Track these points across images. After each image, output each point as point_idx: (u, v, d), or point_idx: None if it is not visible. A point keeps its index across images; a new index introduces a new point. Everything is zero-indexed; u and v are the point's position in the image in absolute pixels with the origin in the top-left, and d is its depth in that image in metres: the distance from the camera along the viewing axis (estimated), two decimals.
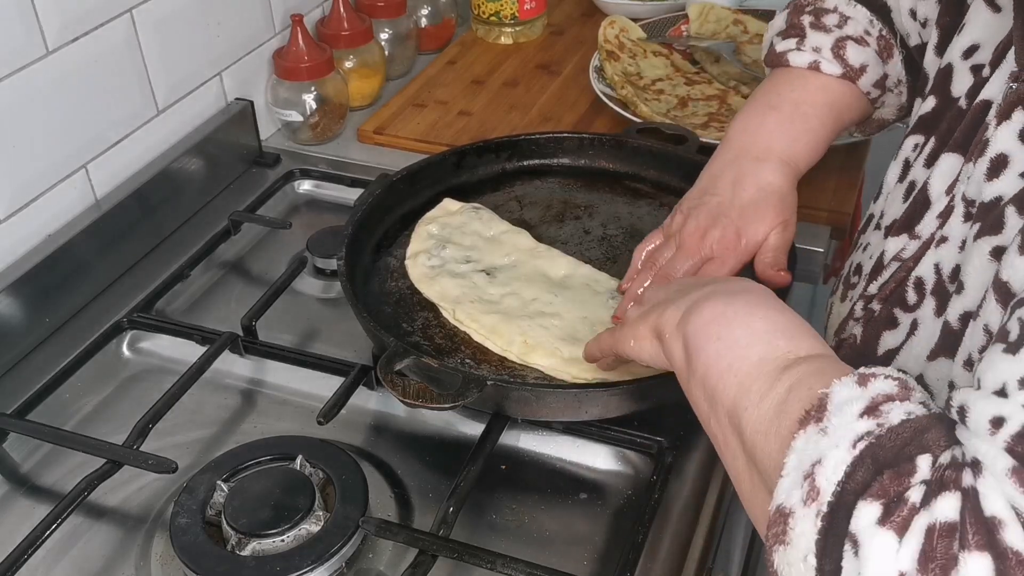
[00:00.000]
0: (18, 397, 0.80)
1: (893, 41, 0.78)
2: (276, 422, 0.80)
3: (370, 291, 0.86)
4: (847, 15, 0.78)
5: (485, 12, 1.35)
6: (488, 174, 0.99)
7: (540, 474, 0.75)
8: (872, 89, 0.80)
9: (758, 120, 0.79)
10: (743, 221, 0.76)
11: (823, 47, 0.78)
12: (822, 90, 0.79)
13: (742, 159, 0.78)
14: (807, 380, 0.49)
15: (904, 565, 0.40)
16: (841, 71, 0.78)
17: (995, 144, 0.55)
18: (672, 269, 0.77)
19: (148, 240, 0.99)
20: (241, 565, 0.65)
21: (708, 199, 0.78)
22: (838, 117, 0.80)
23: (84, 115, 0.91)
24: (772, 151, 0.77)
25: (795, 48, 0.79)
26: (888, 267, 0.63)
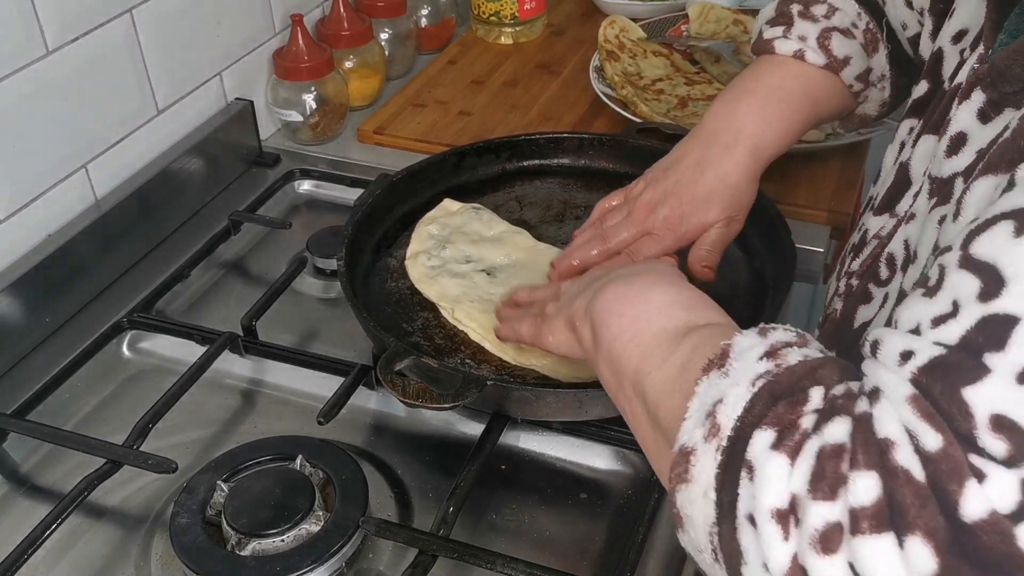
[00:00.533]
0: (18, 397, 0.80)
1: (880, 35, 0.78)
2: (276, 422, 0.80)
3: (370, 291, 0.86)
4: (835, 6, 0.78)
5: (485, 12, 1.35)
6: (488, 174, 0.99)
7: (540, 474, 0.75)
8: (855, 82, 0.80)
9: (733, 103, 0.79)
10: (690, 207, 0.77)
11: (809, 36, 0.78)
12: (802, 78, 0.79)
13: (711, 143, 0.78)
14: (710, 340, 0.51)
15: (796, 486, 0.41)
16: (825, 61, 0.78)
17: (955, 123, 0.55)
18: (614, 233, 0.79)
19: (148, 240, 0.99)
20: (241, 565, 0.65)
21: (669, 175, 0.79)
22: (815, 106, 0.80)
23: (84, 115, 0.91)
24: (742, 135, 0.77)
25: (781, 36, 0.79)
26: (869, 244, 0.65)
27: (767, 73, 0.80)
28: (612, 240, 0.78)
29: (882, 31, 0.78)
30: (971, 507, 0.37)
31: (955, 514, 0.37)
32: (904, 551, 0.38)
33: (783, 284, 0.79)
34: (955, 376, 0.38)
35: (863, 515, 0.39)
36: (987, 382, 0.38)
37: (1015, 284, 0.38)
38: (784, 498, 0.42)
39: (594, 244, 0.79)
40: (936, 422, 0.38)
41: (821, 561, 0.40)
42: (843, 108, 0.83)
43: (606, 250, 0.78)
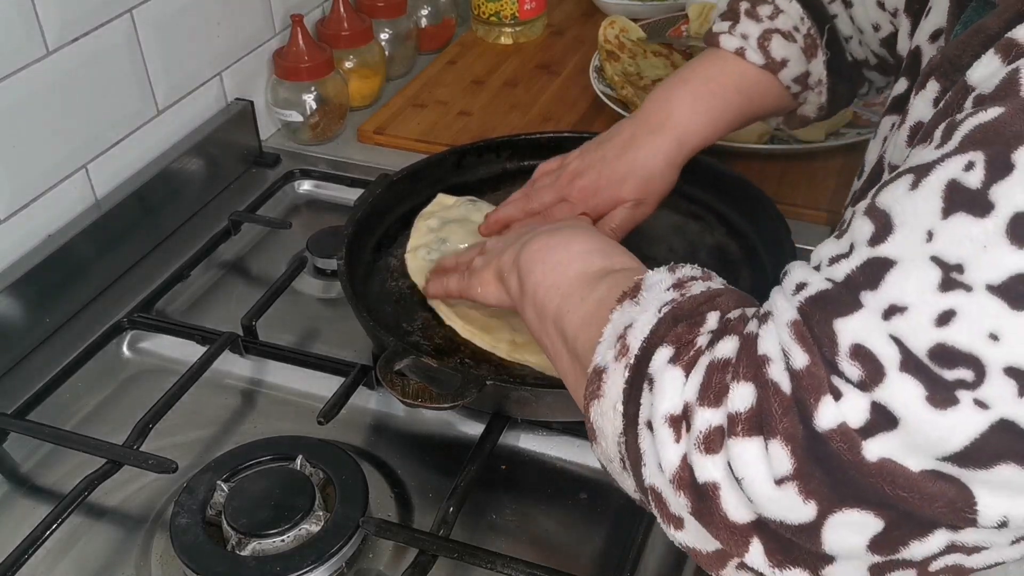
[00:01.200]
0: (18, 397, 0.80)
1: (819, 41, 0.81)
2: (276, 422, 0.80)
3: (370, 291, 0.86)
4: (781, 8, 0.81)
5: (485, 12, 1.35)
6: (488, 174, 0.99)
7: (540, 474, 0.75)
8: (792, 84, 0.82)
9: (669, 90, 0.83)
10: (605, 182, 0.81)
11: (751, 35, 0.81)
12: (738, 75, 0.81)
13: (640, 126, 0.82)
14: (624, 279, 0.57)
15: (688, 395, 0.47)
16: (763, 61, 0.80)
17: (913, 112, 0.57)
18: (538, 195, 0.84)
19: (148, 240, 0.99)
20: (241, 565, 0.65)
21: (598, 149, 0.83)
22: (748, 102, 0.82)
23: (84, 115, 0.91)
24: (668, 122, 0.81)
25: (727, 31, 0.82)
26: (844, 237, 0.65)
27: (706, 66, 0.83)
28: (535, 201, 0.84)
29: (822, 37, 0.81)
30: (824, 419, 0.41)
31: (811, 423, 0.42)
32: (768, 452, 0.43)
33: None
34: (832, 308, 0.43)
35: (738, 420, 0.44)
36: (856, 316, 0.42)
37: (899, 231, 0.42)
38: (677, 405, 0.47)
39: (519, 203, 0.85)
40: (807, 345, 0.43)
41: (704, 459, 0.45)
42: (781, 107, 0.86)
43: (528, 209, 0.84)
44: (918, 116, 0.56)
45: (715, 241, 0.90)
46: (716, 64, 0.82)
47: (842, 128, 1.10)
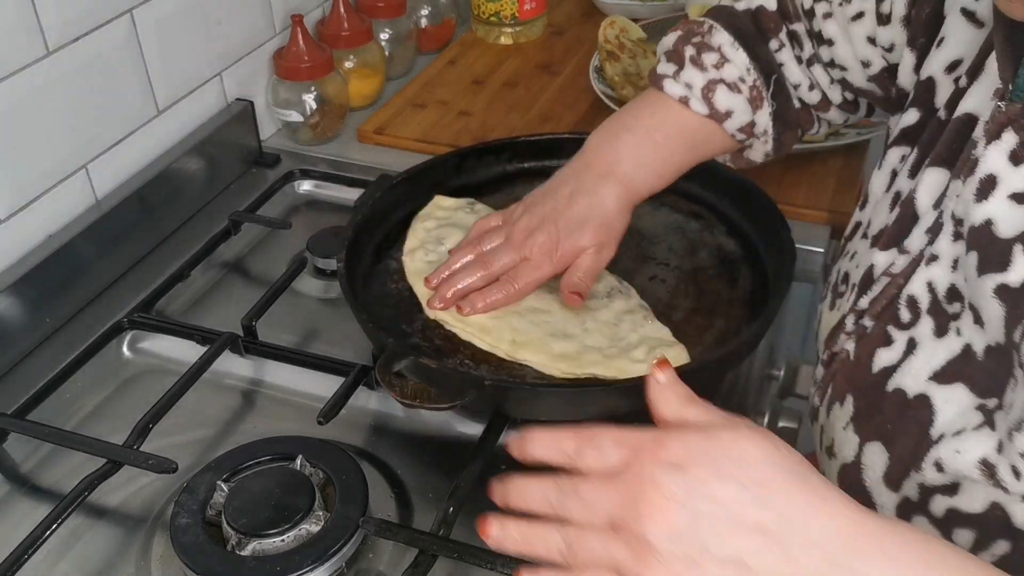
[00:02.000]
0: (18, 397, 0.80)
1: (764, 93, 0.79)
2: (276, 422, 0.80)
3: (370, 292, 0.86)
4: (727, 57, 0.78)
5: (485, 12, 1.36)
6: (489, 175, 0.99)
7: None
8: (737, 132, 0.81)
9: (612, 139, 0.81)
10: (564, 233, 0.78)
11: (695, 85, 0.78)
12: (681, 124, 0.80)
13: (585, 173, 0.80)
14: None
15: None
16: (707, 112, 0.79)
17: (984, 164, 0.55)
18: (494, 257, 0.80)
19: (148, 240, 0.99)
20: (241, 565, 0.65)
21: (546, 201, 0.80)
22: (692, 150, 0.81)
23: (84, 115, 0.91)
24: (615, 170, 0.79)
25: (671, 76, 0.80)
26: (878, 281, 0.63)
27: (648, 113, 0.81)
28: (493, 264, 0.80)
29: (768, 88, 0.79)
30: None
31: None
32: None
33: (783, 284, 0.79)
34: None
35: None
36: None
37: None
38: None
39: (475, 268, 0.80)
40: None
41: None
42: (726, 150, 0.84)
43: (488, 275, 0.79)
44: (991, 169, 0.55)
45: (715, 241, 0.90)
46: (658, 111, 0.80)
47: (842, 128, 1.10)
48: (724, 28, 0.79)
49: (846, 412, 0.63)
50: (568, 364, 0.75)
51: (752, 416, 0.87)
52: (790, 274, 0.79)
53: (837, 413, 0.64)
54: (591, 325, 0.79)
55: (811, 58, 0.79)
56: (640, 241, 0.90)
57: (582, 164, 0.81)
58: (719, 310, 0.82)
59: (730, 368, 0.78)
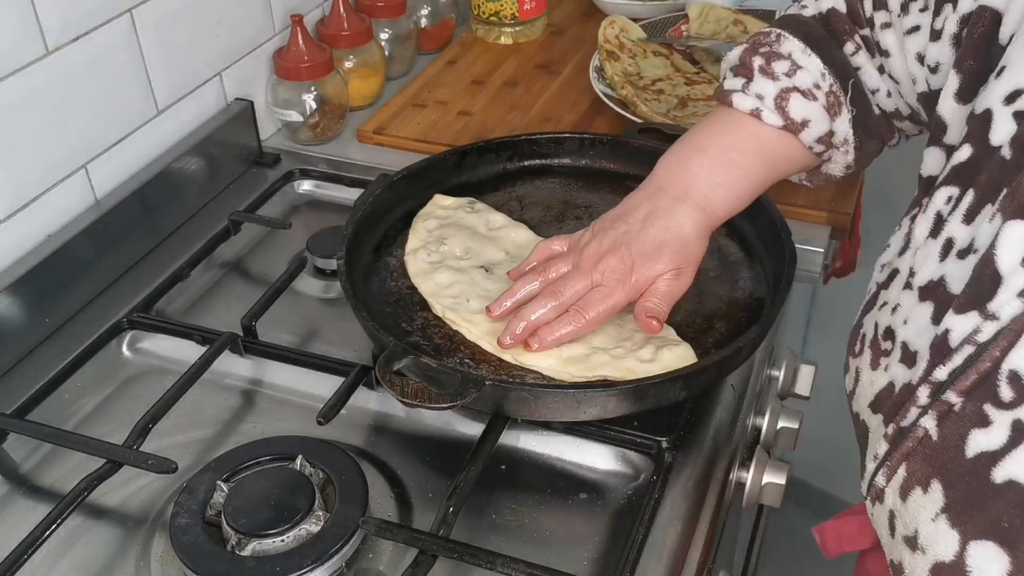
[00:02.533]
0: (18, 397, 0.80)
1: (843, 99, 0.75)
2: (276, 422, 0.80)
3: (370, 291, 0.86)
4: (799, 64, 0.74)
5: (485, 12, 1.35)
6: (489, 174, 0.99)
7: (540, 474, 0.75)
8: (815, 144, 0.76)
9: (685, 160, 0.78)
10: (639, 258, 0.75)
11: (767, 96, 0.75)
12: (756, 138, 0.76)
13: (660, 196, 0.77)
14: None
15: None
16: (782, 123, 0.75)
17: None
18: (564, 285, 0.76)
19: (148, 240, 0.99)
20: (241, 565, 0.65)
21: (618, 226, 0.77)
22: (771, 167, 0.77)
23: (84, 115, 0.91)
24: (691, 192, 0.76)
25: (740, 90, 0.76)
26: (959, 351, 0.55)
27: (721, 131, 0.77)
28: (564, 294, 0.76)
29: (846, 94, 0.75)
30: None
31: None
32: None
33: (783, 284, 0.79)
34: None
35: None
36: None
37: None
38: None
39: (545, 298, 0.76)
40: None
41: None
42: (805, 165, 0.80)
43: (559, 305, 0.75)
44: None
45: (715, 242, 0.90)
46: (731, 128, 0.76)
47: None
48: (793, 35, 0.75)
49: (933, 501, 0.55)
50: (578, 367, 0.75)
51: (752, 416, 0.87)
52: (791, 276, 0.79)
53: (919, 501, 0.56)
54: None
55: (881, 66, 0.75)
56: None
57: (655, 187, 0.78)
58: (719, 312, 0.82)
59: (731, 370, 0.78)
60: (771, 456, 0.88)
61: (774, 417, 0.91)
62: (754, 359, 0.85)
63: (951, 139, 0.64)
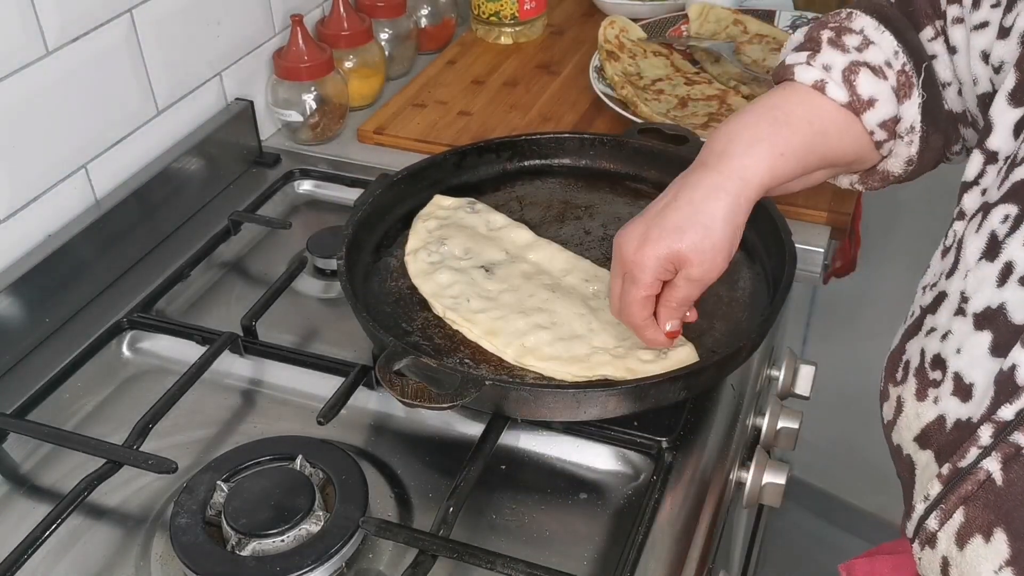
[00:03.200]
0: (18, 397, 0.80)
1: (915, 81, 0.68)
2: (276, 422, 0.80)
3: (370, 291, 0.86)
4: (871, 39, 0.69)
5: (485, 12, 1.35)
6: (489, 174, 0.99)
7: (540, 474, 0.75)
8: (877, 129, 0.70)
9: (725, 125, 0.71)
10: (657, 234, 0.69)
11: (834, 67, 0.69)
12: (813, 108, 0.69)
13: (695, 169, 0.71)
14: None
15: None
16: (847, 99, 0.68)
17: None
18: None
19: (148, 240, 0.99)
20: (241, 565, 0.65)
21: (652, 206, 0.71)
22: (822, 138, 0.70)
23: (84, 115, 0.91)
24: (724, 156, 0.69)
25: (804, 62, 0.70)
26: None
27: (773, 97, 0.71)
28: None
29: (919, 76, 0.69)
30: None
31: None
32: None
33: (783, 284, 0.79)
34: None
35: None
36: None
37: None
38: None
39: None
40: None
41: None
42: (859, 156, 0.72)
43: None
44: None
45: None
46: (788, 96, 0.70)
47: None
48: (867, 12, 0.70)
49: (997, 552, 0.51)
50: (579, 367, 0.75)
51: (752, 416, 0.87)
52: (791, 276, 0.79)
53: (980, 551, 0.52)
54: (596, 325, 0.79)
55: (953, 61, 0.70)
56: None
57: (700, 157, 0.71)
58: (719, 312, 0.82)
59: (731, 370, 0.78)
60: (771, 456, 0.88)
61: (774, 417, 0.91)
62: (754, 359, 0.85)
63: (994, 144, 0.60)
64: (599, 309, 0.81)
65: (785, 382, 0.98)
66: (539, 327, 0.78)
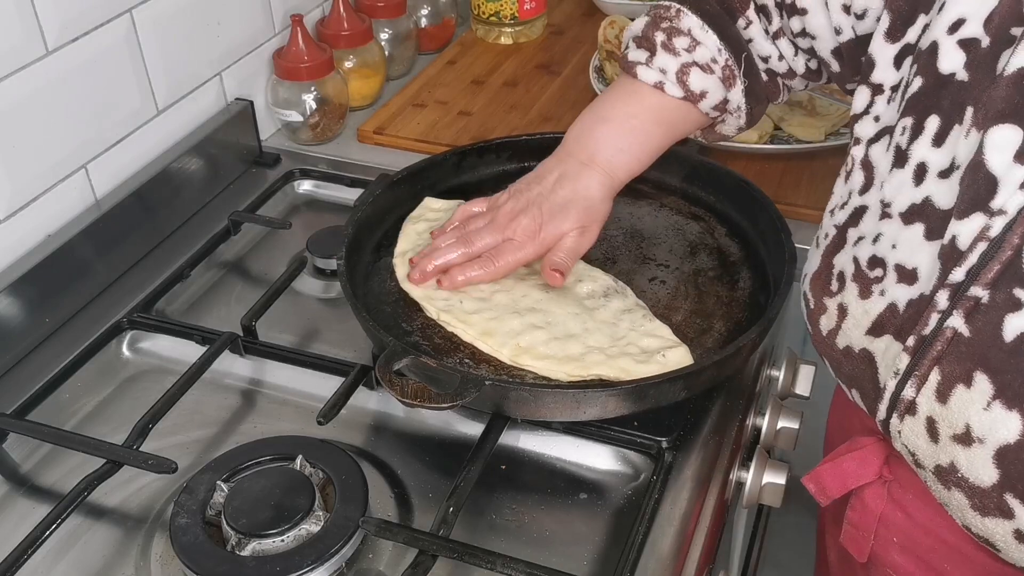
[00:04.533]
0: (18, 397, 0.81)
1: (737, 71, 0.81)
2: (276, 422, 0.80)
3: (370, 291, 0.86)
4: (698, 40, 0.80)
5: (485, 12, 1.36)
6: (489, 174, 0.99)
7: (540, 474, 0.75)
8: (711, 111, 0.83)
9: (590, 129, 0.83)
10: (548, 216, 0.81)
11: (669, 70, 0.80)
12: (657, 108, 0.82)
13: (567, 162, 0.83)
14: None
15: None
16: (682, 95, 0.81)
17: None
18: (478, 237, 0.83)
19: (148, 240, 0.99)
20: (241, 565, 0.65)
21: (532, 187, 0.83)
22: (670, 130, 0.84)
23: (84, 115, 0.91)
24: (596, 158, 0.82)
25: (644, 63, 0.81)
26: (972, 249, 0.58)
27: (623, 101, 0.83)
28: (476, 244, 0.82)
29: (740, 67, 0.81)
30: None
31: None
32: None
33: (783, 284, 0.79)
34: None
35: None
36: None
37: None
38: None
39: (457, 246, 0.83)
40: None
41: None
42: (700, 126, 0.86)
43: (468, 253, 0.82)
44: None
45: (715, 242, 0.90)
46: (634, 99, 0.83)
47: (842, 128, 1.10)
48: (692, 11, 0.80)
49: (981, 392, 0.58)
50: (574, 367, 0.75)
51: (752, 416, 0.87)
52: (791, 276, 0.79)
53: (963, 397, 0.59)
54: (591, 325, 0.79)
55: (779, 31, 0.81)
56: (640, 243, 0.90)
57: (565, 154, 0.84)
58: (719, 312, 0.82)
59: (730, 370, 0.78)
60: (771, 456, 0.88)
61: (774, 417, 0.91)
62: (754, 359, 0.85)
63: (878, 77, 0.68)
64: (593, 309, 0.81)
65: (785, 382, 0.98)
66: (534, 327, 0.78)
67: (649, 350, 0.76)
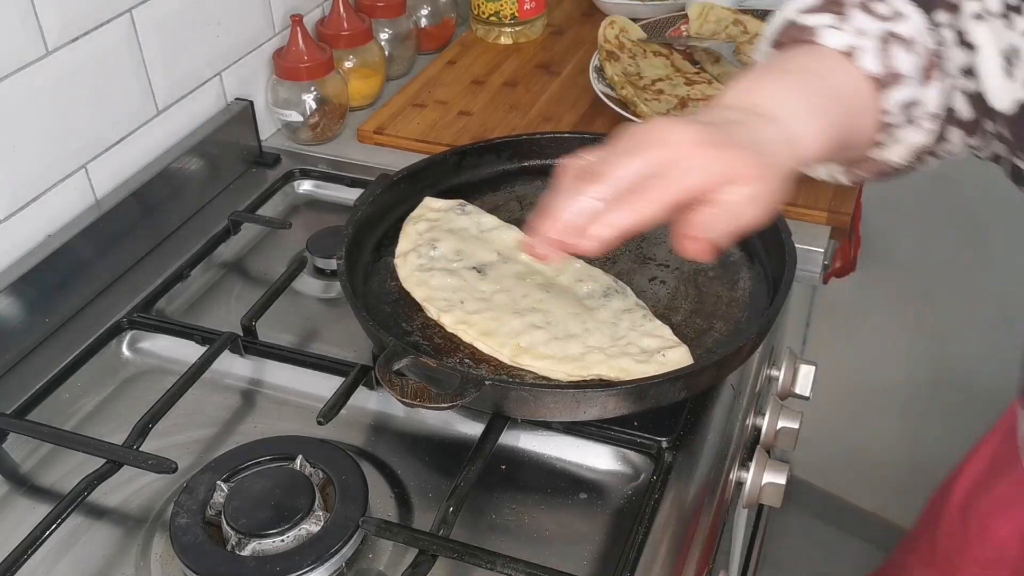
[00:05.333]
0: (18, 397, 0.81)
1: (939, 61, 0.61)
2: (276, 422, 0.80)
3: (370, 291, 0.86)
4: (901, 11, 0.60)
5: (485, 12, 1.35)
6: (488, 174, 0.99)
7: (540, 474, 0.75)
8: (895, 110, 0.61)
9: (760, 82, 0.61)
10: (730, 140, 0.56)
11: (869, 32, 0.59)
12: (844, 79, 0.60)
13: (747, 113, 0.59)
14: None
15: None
16: (880, 71, 0.59)
17: None
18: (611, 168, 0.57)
19: (148, 240, 0.99)
20: (241, 565, 0.65)
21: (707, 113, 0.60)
22: (851, 128, 0.61)
23: (84, 115, 0.91)
24: (779, 120, 0.58)
25: (830, 26, 0.60)
26: None
27: (810, 61, 0.61)
28: (615, 174, 0.55)
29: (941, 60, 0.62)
30: None
31: None
32: None
33: (783, 284, 0.79)
34: None
35: None
36: None
37: None
38: None
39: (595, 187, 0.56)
40: None
41: None
42: (862, 141, 0.63)
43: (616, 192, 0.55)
44: None
45: None
46: (823, 61, 0.60)
47: None
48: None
49: None
50: (573, 366, 0.75)
51: (752, 416, 0.87)
52: (791, 277, 0.79)
53: None
54: (591, 325, 0.79)
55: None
56: (640, 243, 0.90)
57: (738, 105, 0.59)
58: (719, 312, 0.82)
59: (731, 370, 0.78)
60: (771, 456, 0.88)
61: (774, 417, 0.91)
62: (754, 359, 0.85)
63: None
64: (593, 308, 0.81)
65: (785, 382, 0.98)
66: (534, 327, 0.78)
67: (649, 350, 0.76)
